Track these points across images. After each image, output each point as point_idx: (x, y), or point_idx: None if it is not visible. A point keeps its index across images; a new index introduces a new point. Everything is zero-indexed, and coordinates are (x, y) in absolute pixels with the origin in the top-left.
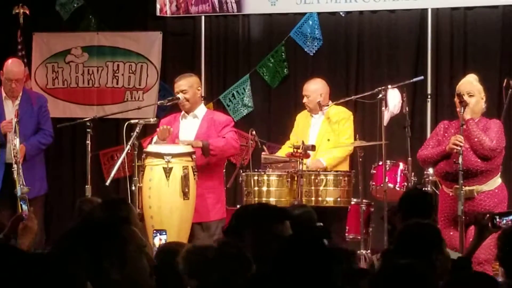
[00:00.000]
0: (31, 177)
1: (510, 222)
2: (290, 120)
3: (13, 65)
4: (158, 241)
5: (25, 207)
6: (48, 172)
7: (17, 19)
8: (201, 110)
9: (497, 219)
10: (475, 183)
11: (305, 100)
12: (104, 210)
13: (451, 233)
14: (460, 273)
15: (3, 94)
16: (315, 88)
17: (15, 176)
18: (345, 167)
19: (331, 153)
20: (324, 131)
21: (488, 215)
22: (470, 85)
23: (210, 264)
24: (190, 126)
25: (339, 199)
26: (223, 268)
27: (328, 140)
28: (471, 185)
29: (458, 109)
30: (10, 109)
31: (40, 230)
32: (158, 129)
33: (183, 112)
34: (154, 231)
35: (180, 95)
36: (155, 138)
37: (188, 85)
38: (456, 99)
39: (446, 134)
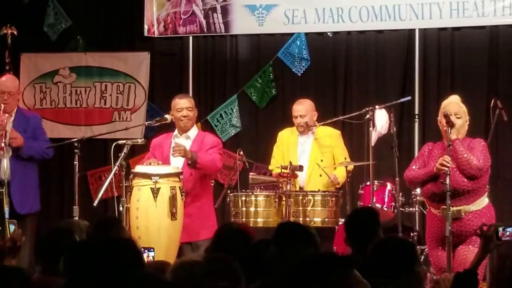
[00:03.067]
0: (24, 194)
1: None
2: None
3: (7, 79)
4: (146, 258)
5: (12, 229)
6: None
7: (5, 39)
8: (194, 131)
9: (501, 231)
10: (462, 203)
11: (299, 120)
12: (96, 230)
13: (439, 254)
14: None
15: None
16: (310, 108)
17: (3, 197)
18: (331, 187)
19: (339, 171)
20: (317, 153)
21: (492, 226)
22: (458, 106)
23: (199, 277)
24: None
25: (326, 219)
26: (211, 280)
27: (322, 160)
28: (458, 205)
29: (445, 128)
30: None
31: (30, 249)
32: (146, 161)
33: (175, 132)
34: (142, 249)
35: (184, 112)
36: (146, 163)
37: (192, 104)
38: (442, 120)
39: (431, 156)
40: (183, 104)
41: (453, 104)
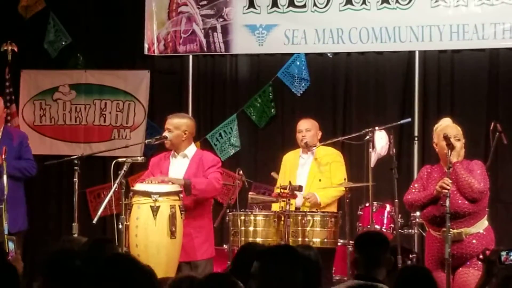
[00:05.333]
0: (14, 213)
1: None
2: (277, 160)
3: None
4: None
5: (12, 247)
6: (35, 209)
7: (5, 56)
8: (191, 150)
9: (504, 255)
10: (463, 226)
11: (304, 134)
12: (90, 249)
13: (439, 275)
14: None
15: None
16: (315, 126)
17: (3, 213)
18: (333, 208)
19: (326, 192)
20: (315, 172)
21: (495, 251)
22: (456, 128)
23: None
24: (179, 166)
25: (325, 240)
26: None
27: (320, 180)
28: (459, 227)
29: (444, 151)
30: None
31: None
32: (146, 178)
33: (173, 151)
34: None
35: (165, 132)
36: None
37: (173, 125)
38: (441, 142)
39: (430, 179)
40: (166, 124)
41: (452, 127)
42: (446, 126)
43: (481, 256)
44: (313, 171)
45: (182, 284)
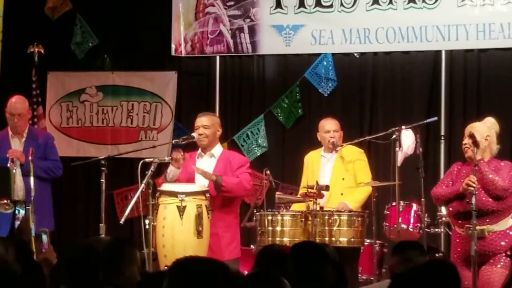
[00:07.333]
0: (40, 213)
1: None
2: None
3: (16, 101)
4: None
5: (45, 240)
6: (62, 210)
7: (32, 58)
8: (218, 149)
9: None
10: (486, 223)
11: (332, 134)
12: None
13: (464, 273)
14: None
15: (10, 132)
16: (339, 125)
17: (29, 214)
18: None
19: (355, 196)
20: (338, 171)
21: None
22: (471, 127)
23: None
24: (206, 165)
25: (352, 239)
26: None
27: (343, 179)
28: (481, 224)
29: (471, 149)
30: (18, 146)
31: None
32: (173, 152)
33: (199, 151)
34: (165, 267)
35: (200, 130)
36: (169, 169)
37: (210, 122)
38: (469, 140)
39: (459, 175)
40: (199, 122)
41: (477, 126)
42: (472, 125)
43: (508, 252)
44: (336, 170)
45: None
